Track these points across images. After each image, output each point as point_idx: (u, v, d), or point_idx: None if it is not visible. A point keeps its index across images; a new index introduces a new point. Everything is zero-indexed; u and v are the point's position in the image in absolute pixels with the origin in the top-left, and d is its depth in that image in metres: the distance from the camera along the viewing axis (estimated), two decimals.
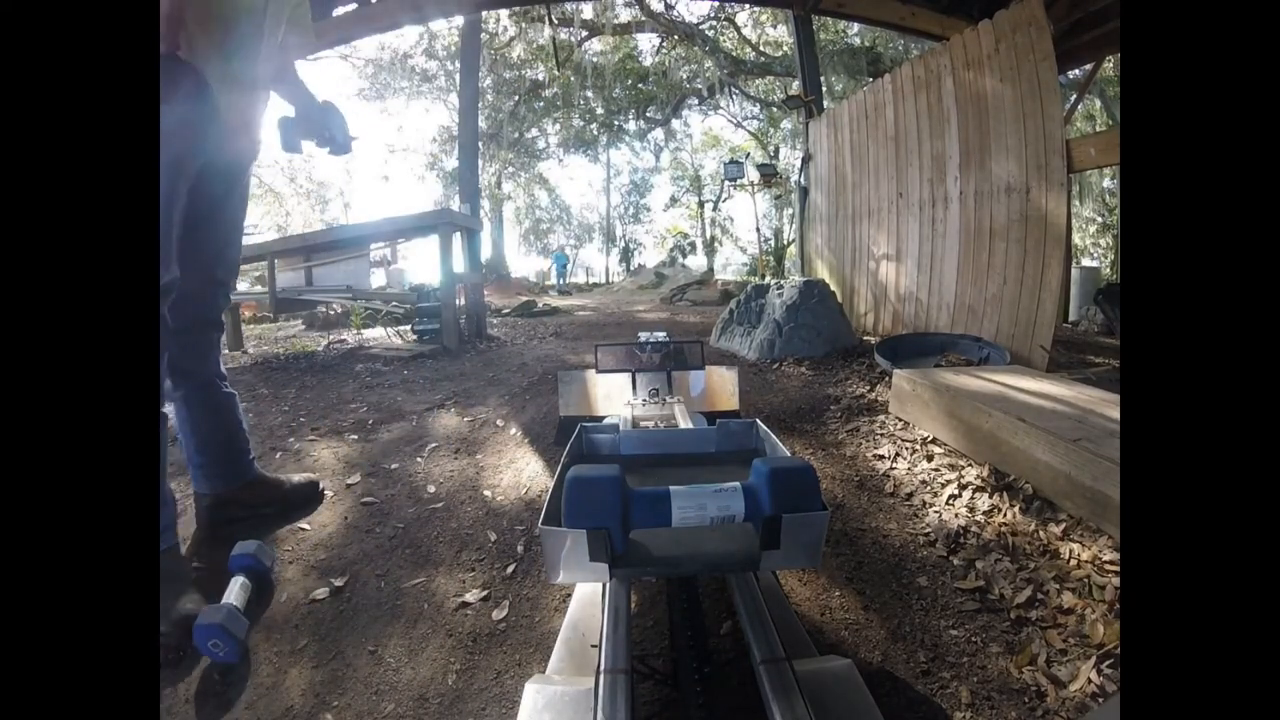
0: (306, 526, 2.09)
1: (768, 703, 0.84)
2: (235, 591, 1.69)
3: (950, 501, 2.00)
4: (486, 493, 2.23)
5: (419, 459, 2.57)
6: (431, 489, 2.26)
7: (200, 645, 1.55)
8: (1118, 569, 1.68)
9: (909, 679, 1.34)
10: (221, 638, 1.52)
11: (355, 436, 3.00)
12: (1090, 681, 1.32)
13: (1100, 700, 1.24)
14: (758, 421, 1.41)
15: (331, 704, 1.31)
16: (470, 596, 1.61)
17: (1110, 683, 1.33)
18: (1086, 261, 13.77)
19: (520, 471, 2.41)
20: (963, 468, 2.20)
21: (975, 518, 1.89)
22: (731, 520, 0.85)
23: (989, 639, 1.42)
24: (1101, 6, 5.75)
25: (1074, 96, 8.67)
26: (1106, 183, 15.49)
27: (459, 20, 9.54)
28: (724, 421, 1.47)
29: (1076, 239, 15.07)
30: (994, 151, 4.34)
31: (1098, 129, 13.42)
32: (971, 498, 1.99)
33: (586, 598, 1.36)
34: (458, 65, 16.39)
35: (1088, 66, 8.03)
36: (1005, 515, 1.90)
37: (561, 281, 19.32)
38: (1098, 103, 13.64)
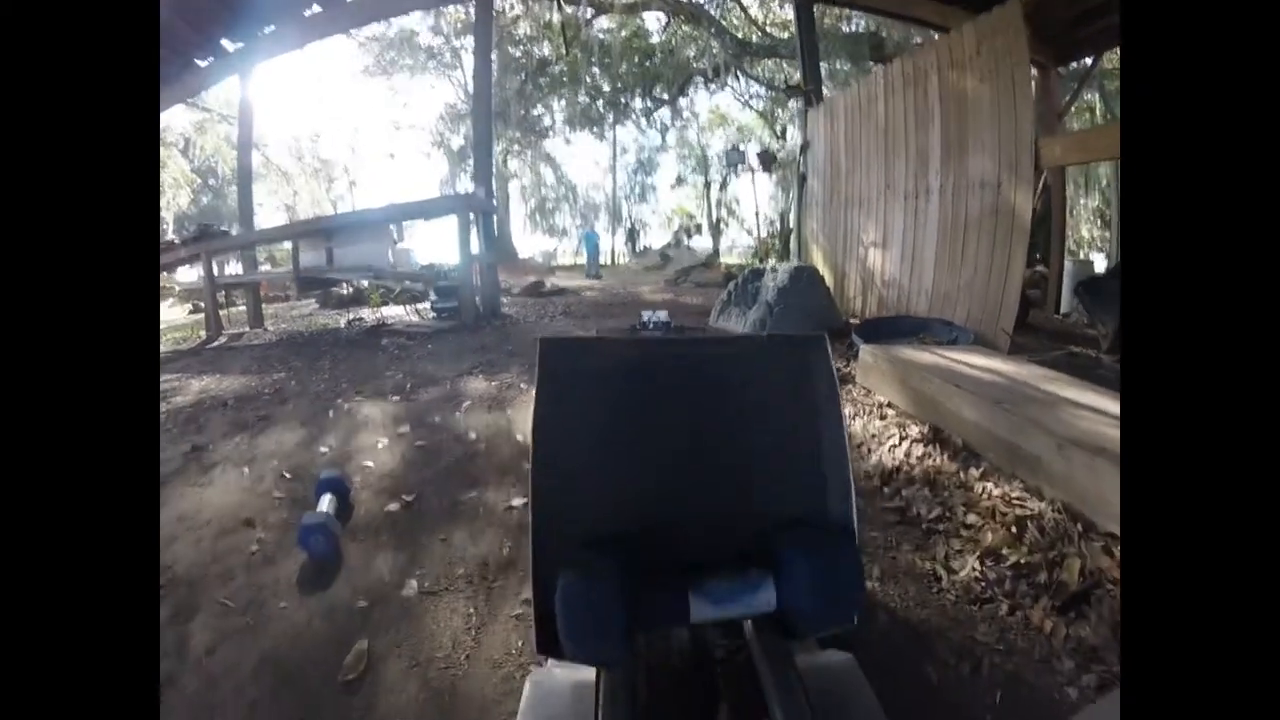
0: (370, 464, 2.57)
1: (770, 698, 0.82)
2: (326, 503, 2.15)
3: (891, 450, 2.46)
4: (519, 436, 2.71)
5: (458, 414, 3.05)
6: (473, 435, 2.75)
7: (303, 542, 2.00)
8: (1024, 503, 2.12)
9: None
10: (324, 534, 1.98)
11: (397, 398, 3.47)
12: (974, 569, 1.79)
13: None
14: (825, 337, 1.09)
15: (414, 573, 1.79)
16: (515, 502, 2.10)
17: (990, 572, 1.80)
18: (1095, 255, 13.87)
19: None
20: (908, 425, 2.66)
21: (910, 461, 2.36)
22: (760, 614, 0.78)
23: (902, 540, 1.90)
24: (1102, 1, 5.87)
25: (1074, 88, 8.77)
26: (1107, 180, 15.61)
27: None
28: (777, 335, 1.24)
29: (1084, 231, 15.20)
30: (971, 148, 4.69)
31: (1096, 122, 13.58)
32: (909, 447, 2.45)
33: None
34: (464, 42, 16.53)
35: (1088, 61, 8.17)
36: (934, 460, 2.36)
37: (596, 265, 16.18)
38: (1096, 96, 13.76)
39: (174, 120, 17.39)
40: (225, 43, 8.31)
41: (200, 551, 2.06)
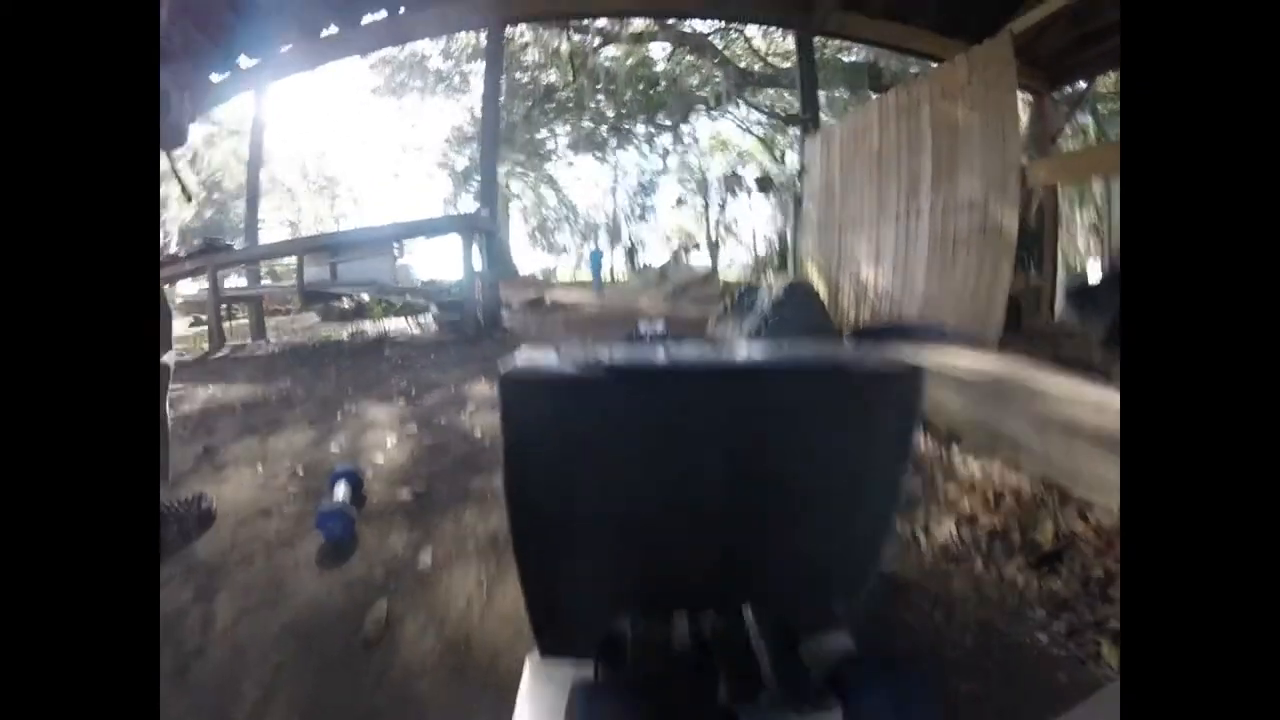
0: (381, 459, 2.68)
1: (769, 681, 0.76)
2: (342, 492, 2.24)
3: None
4: None
5: (462, 415, 3.17)
6: (478, 433, 2.86)
7: (321, 527, 2.06)
8: (1001, 477, 2.20)
9: None
10: (341, 519, 2.05)
11: (403, 401, 3.59)
12: (951, 533, 1.90)
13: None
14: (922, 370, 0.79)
15: (427, 548, 1.90)
16: None
17: (967, 534, 1.90)
18: (1092, 264, 14.11)
19: None
20: None
21: None
22: None
23: None
24: (1100, 26, 6.00)
25: (1068, 112, 8.99)
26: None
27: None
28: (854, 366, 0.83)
29: (1080, 243, 15.50)
30: (961, 171, 4.87)
31: (1090, 143, 13.93)
32: None
33: None
34: (473, 67, 16.97)
35: (1081, 85, 8.36)
36: (920, 444, 2.47)
37: (599, 281, 16.62)
38: (1089, 119, 14.13)
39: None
40: (241, 59, 8.44)
41: (219, 539, 2.13)
